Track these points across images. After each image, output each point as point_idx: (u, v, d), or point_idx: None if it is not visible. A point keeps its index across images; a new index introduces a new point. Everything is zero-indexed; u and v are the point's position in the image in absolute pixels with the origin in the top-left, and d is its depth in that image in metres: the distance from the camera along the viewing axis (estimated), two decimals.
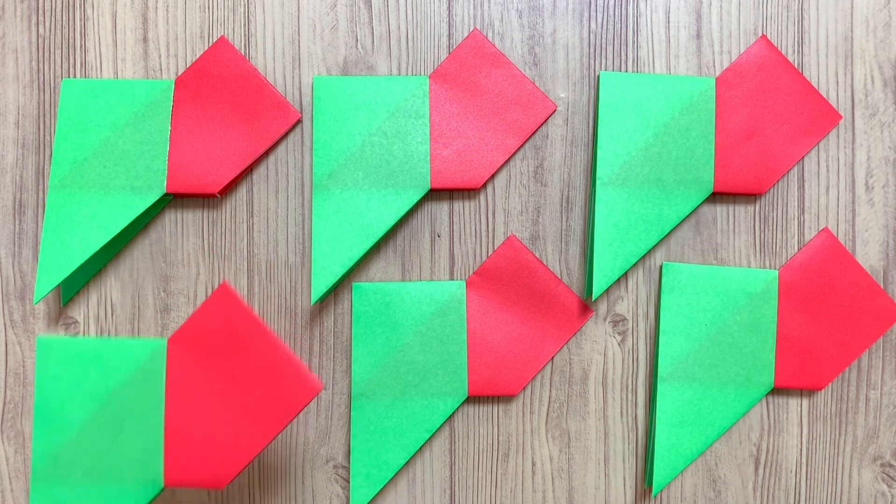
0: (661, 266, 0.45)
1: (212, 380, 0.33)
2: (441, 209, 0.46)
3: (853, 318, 0.45)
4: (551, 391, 0.46)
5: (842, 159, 0.46)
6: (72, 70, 0.46)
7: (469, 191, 0.46)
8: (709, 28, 0.45)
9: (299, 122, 0.45)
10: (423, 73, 0.45)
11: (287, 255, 0.45)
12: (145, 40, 0.46)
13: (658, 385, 0.44)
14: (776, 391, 0.46)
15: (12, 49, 0.46)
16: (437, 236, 0.45)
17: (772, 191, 0.46)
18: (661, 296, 0.45)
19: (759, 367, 0.45)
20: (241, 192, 0.45)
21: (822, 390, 0.46)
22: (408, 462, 0.45)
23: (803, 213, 0.46)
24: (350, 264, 0.43)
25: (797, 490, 0.46)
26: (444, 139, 0.44)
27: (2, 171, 0.46)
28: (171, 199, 0.46)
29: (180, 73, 0.45)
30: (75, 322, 0.45)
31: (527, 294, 0.45)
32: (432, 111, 0.44)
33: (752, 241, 0.46)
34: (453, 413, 0.45)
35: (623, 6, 0.46)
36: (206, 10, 0.46)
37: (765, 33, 0.45)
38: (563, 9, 0.46)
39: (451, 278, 0.45)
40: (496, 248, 0.45)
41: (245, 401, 0.32)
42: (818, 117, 0.45)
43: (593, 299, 0.45)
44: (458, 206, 0.46)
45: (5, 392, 0.46)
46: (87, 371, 0.34)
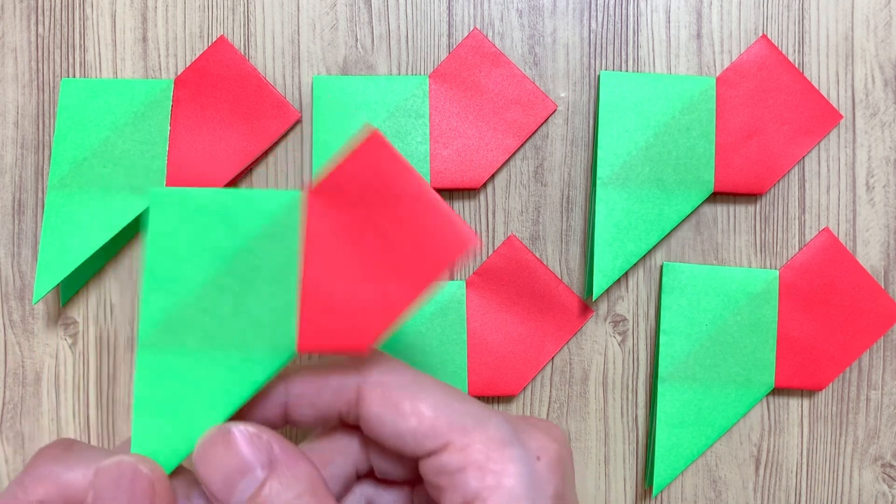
0: (661, 266, 0.45)
1: (356, 234, 0.29)
2: None
3: (854, 318, 0.45)
4: (551, 391, 0.46)
5: (842, 159, 0.46)
6: (71, 70, 0.46)
7: (469, 191, 0.46)
8: (709, 28, 0.45)
9: (299, 121, 0.45)
10: (423, 72, 0.45)
11: None
12: (145, 40, 0.45)
13: (658, 385, 0.44)
14: (777, 391, 0.46)
15: (11, 49, 0.46)
16: None
17: (772, 191, 0.46)
18: (662, 296, 0.45)
19: (759, 368, 0.44)
20: None
21: (823, 390, 0.46)
22: None
23: (804, 212, 0.46)
24: None
25: (798, 490, 0.46)
26: (444, 139, 0.44)
27: (1, 171, 0.46)
28: None
29: (180, 73, 0.45)
30: (75, 322, 0.45)
31: (527, 294, 0.45)
32: (432, 111, 0.44)
33: (753, 241, 0.46)
34: None
35: (623, 6, 0.45)
36: (206, 10, 0.45)
37: (765, 33, 0.45)
38: (564, 8, 0.46)
39: (451, 278, 0.45)
40: (496, 248, 0.45)
41: (391, 256, 0.28)
42: (819, 117, 0.45)
43: (594, 299, 0.45)
44: (457, 205, 0.46)
45: (4, 392, 0.45)
46: (210, 226, 0.30)
